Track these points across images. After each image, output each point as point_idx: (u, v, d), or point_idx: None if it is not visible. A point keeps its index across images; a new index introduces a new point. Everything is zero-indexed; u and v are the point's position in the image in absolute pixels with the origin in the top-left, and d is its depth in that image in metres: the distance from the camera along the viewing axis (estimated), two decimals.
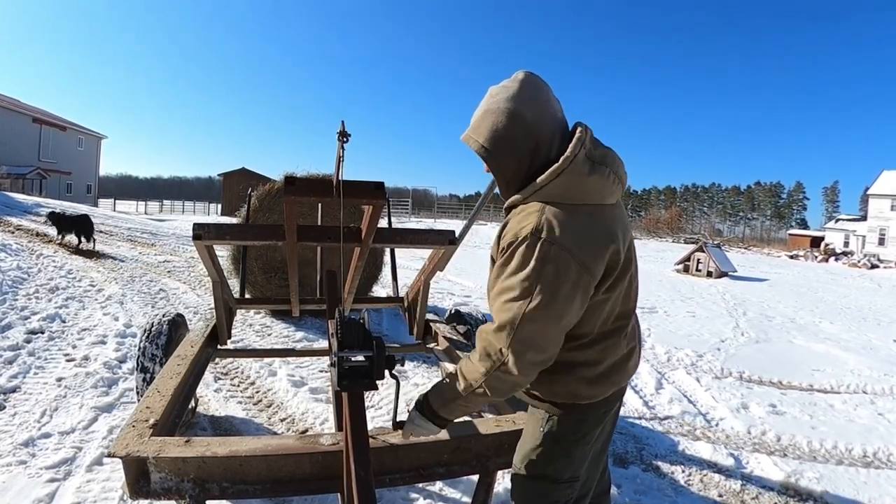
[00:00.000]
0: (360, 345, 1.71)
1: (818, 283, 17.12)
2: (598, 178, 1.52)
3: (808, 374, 5.97)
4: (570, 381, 1.62)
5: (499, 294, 1.50)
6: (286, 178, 2.50)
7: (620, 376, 1.70)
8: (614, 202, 1.61)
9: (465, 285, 10.76)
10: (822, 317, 10.08)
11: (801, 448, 4.03)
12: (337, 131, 2.17)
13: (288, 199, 2.61)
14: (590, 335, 1.60)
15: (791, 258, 31.71)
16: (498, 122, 1.54)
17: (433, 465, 2.24)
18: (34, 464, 3.07)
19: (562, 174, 1.48)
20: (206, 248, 3.20)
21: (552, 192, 1.50)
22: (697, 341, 7.19)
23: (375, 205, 2.71)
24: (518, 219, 1.53)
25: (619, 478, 3.35)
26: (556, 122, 1.56)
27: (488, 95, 1.59)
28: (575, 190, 1.51)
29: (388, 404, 4.26)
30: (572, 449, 1.68)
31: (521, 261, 1.45)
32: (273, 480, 2.05)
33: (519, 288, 1.45)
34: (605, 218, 1.55)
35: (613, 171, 1.56)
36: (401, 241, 3.58)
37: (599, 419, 1.71)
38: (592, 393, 1.64)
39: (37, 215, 14.65)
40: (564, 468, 1.69)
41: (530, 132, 1.52)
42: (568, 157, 1.48)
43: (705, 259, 16.22)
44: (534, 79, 1.57)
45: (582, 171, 1.49)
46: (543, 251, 1.43)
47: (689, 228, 67.29)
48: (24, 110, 37.84)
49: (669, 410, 4.58)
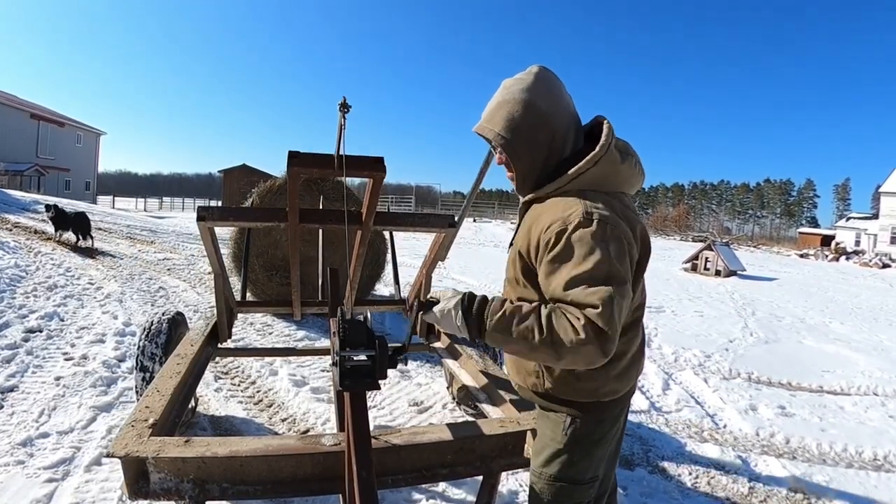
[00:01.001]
0: (362, 344, 1.71)
1: (829, 282, 17.05)
2: (629, 167, 1.62)
3: (817, 375, 5.96)
4: (597, 377, 1.61)
5: (571, 281, 1.42)
6: (290, 153, 2.62)
7: (637, 369, 1.74)
8: (634, 192, 1.70)
9: (469, 283, 10.76)
10: (833, 317, 10.04)
11: (810, 450, 4.03)
12: (338, 103, 2.36)
13: (292, 172, 2.73)
14: None
15: (801, 257, 31.57)
16: (514, 112, 1.57)
17: (436, 466, 2.25)
18: (32, 464, 3.08)
19: (599, 162, 1.54)
20: (209, 231, 3.26)
21: (588, 180, 1.55)
22: (705, 341, 7.17)
23: (376, 177, 2.80)
24: (558, 208, 1.52)
25: (625, 480, 3.35)
26: (570, 116, 1.61)
27: (503, 87, 1.62)
28: (610, 178, 1.58)
29: (391, 404, 4.28)
30: (594, 449, 1.69)
31: (586, 246, 1.43)
32: (274, 481, 2.05)
33: (594, 272, 1.40)
34: (629, 206, 1.62)
35: (637, 161, 1.67)
36: (401, 224, 3.70)
37: (616, 418, 1.73)
38: (615, 388, 1.66)
39: (35, 212, 14.71)
40: (586, 469, 1.70)
41: (547, 123, 1.57)
42: (604, 144, 1.54)
43: (714, 258, 16.15)
44: (547, 73, 1.61)
45: (616, 159, 1.58)
46: (602, 231, 1.45)
47: (698, 226, 67.14)
48: (21, 106, 37.93)
49: (677, 411, 4.58)
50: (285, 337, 6.01)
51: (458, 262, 13.75)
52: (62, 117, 42.24)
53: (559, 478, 1.71)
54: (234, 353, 4.36)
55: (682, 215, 61.00)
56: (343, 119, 2.42)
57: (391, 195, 50.56)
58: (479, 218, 41.25)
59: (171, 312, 3.77)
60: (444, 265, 12.87)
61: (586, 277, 1.41)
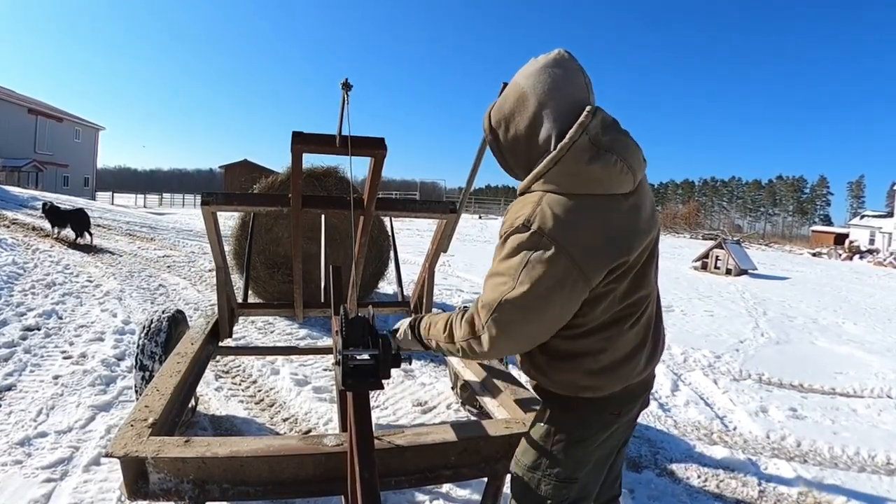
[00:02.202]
0: (365, 343, 1.71)
1: (842, 281, 16.99)
2: (602, 167, 1.44)
3: (830, 376, 5.94)
4: (571, 370, 1.61)
5: (490, 276, 1.53)
6: (294, 132, 2.78)
7: (627, 371, 1.64)
8: (628, 191, 1.53)
9: (473, 281, 10.75)
10: (846, 317, 10.01)
11: (821, 454, 4.02)
12: (340, 83, 2.48)
13: (295, 150, 2.86)
14: (588, 325, 1.56)
15: (814, 256, 31.47)
16: (506, 99, 1.56)
17: (440, 468, 2.25)
18: (30, 464, 3.10)
19: (559, 162, 1.45)
20: (213, 216, 3.37)
21: (551, 180, 1.47)
22: (715, 341, 7.16)
23: (377, 156, 2.95)
24: (516, 207, 1.52)
25: (632, 482, 3.35)
26: (571, 111, 1.49)
27: (523, 66, 1.59)
28: (575, 179, 1.45)
29: (394, 404, 4.28)
30: (572, 449, 1.66)
31: (512, 249, 1.45)
32: (275, 482, 2.06)
33: (506, 274, 1.46)
34: (615, 211, 1.49)
35: (622, 158, 1.47)
36: (402, 209, 3.87)
37: (606, 424, 1.67)
38: (594, 384, 1.61)
39: (33, 209, 14.76)
40: (561, 466, 1.67)
41: (533, 118, 1.51)
42: (565, 144, 1.44)
43: (724, 256, 16.11)
44: (563, 60, 1.52)
45: (582, 158, 1.43)
46: (533, 242, 1.42)
47: (708, 224, 66.91)
48: (19, 101, 38.04)
49: (685, 413, 4.58)
50: (287, 335, 6.02)
51: (462, 260, 13.75)
52: (60, 112, 42.36)
53: (529, 466, 1.72)
54: (235, 352, 4.37)
55: (692, 213, 60.95)
56: (345, 98, 2.49)
57: (396, 191, 50.61)
58: (484, 214, 41.17)
59: (171, 310, 3.78)
60: (449, 263, 12.88)
61: (497, 275, 1.50)
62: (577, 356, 1.59)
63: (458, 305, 5.29)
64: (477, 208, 46.80)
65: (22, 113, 37.62)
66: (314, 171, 6.88)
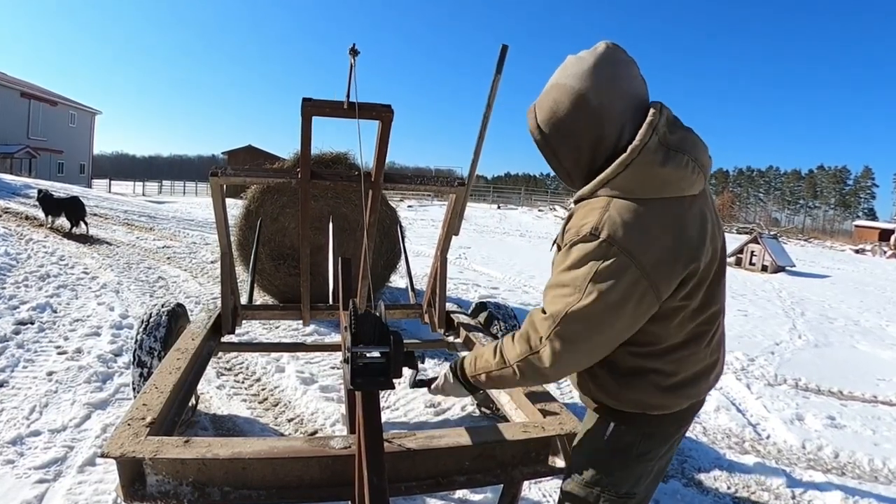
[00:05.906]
0: (375, 340, 1.70)
1: (886, 281, 16.78)
2: (674, 169, 1.44)
3: (872, 383, 5.89)
4: (640, 388, 1.60)
5: (551, 286, 1.52)
6: (304, 98, 3.05)
7: (697, 389, 1.65)
8: (697, 192, 1.52)
9: (491, 276, 10.75)
10: (891, 320, 9.90)
11: (861, 467, 3.99)
12: (348, 48, 2.73)
13: (305, 112, 3.13)
14: (661, 343, 1.56)
15: (857, 252, 31.09)
16: (559, 104, 1.50)
17: (453, 473, 2.25)
18: (22, 463, 3.14)
19: (630, 166, 1.43)
20: (220, 190, 3.55)
21: (620, 185, 1.45)
22: (749, 343, 7.13)
23: (384, 119, 3.22)
24: (582, 214, 1.50)
25: (658, 493, 3.32)
26: (630, 107, 1.49)
27: (562, 67, 1.55)
28: (646, 183, 1.44)
29: (405, 405, 4.30)
30: (633, 464, 1.67)
31: (578, 259, 1.44)
32: (278, 486, 2.07)
33: (571, 285, 1.44)
34: (687, 214, 1.49)
35: (693, 157, 1.48)
36: (410, 183, 4.08)
37: (667, 437, 1.69)
38: (663, 403, 1.62)
39: (26, 197, 14.90)
40: (622, 481, 1.68)
41: (595, 121, 1.47)
42: (636, 146, 1.43)
43: (760, 252, 15.98)
44: (613, 54, 1.49)
45: (654, 160, 1.42)
46: (601, 252, 1.41)
47: (743, 217, 66.51)
48: (11, 84, 38.30)
49: (715, 419, 4.56)
50: (293, 331, 6.05)
51: (479, 252, 13.75)
52: (55, 95, 42.69)
53: (590, 483, 1.71)
54: (238, 349, 4.40)
55: (726, 204, 60.43)
56: (353, 63, 2.74)
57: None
58: (503, 205, 40.97)
59: (171, 304, 3.80)
60: (465, 255, 12.88)
61: (562, 286, 1.49)
62: (648, 373, 1.59)
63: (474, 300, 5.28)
64: (496, 198, 46.63)
65: (14, 96, 37.92)
66: (324, 156, 6.91)
